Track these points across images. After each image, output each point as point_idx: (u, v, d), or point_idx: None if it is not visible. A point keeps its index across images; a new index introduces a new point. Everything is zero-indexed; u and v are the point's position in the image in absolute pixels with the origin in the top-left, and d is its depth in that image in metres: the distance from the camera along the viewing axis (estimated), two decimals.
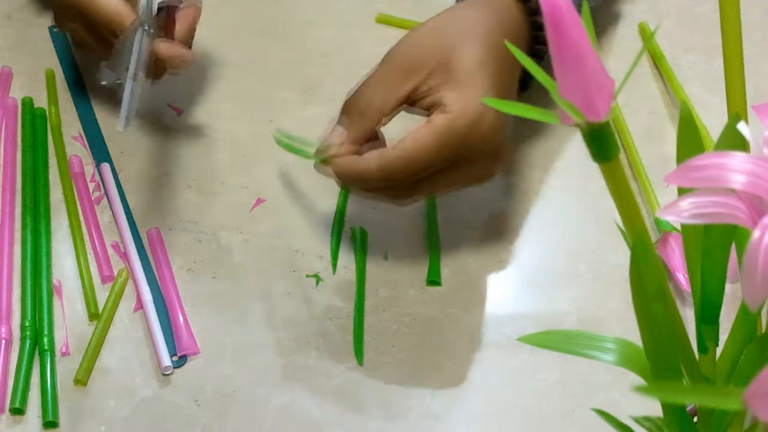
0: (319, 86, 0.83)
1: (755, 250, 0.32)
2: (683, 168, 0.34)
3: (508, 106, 0.35)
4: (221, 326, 0.68)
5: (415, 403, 0.65)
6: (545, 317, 0.69)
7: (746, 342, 0.40)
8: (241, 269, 0.71)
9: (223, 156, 0.78)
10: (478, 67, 0.64)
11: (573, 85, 0.33)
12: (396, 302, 0.70)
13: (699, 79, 0.83)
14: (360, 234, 0.72)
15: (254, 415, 0.64)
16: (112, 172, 0.76)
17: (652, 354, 0.39)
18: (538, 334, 0.43)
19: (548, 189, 0.76)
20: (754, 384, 0.30)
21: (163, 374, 0.66)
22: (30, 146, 0.77)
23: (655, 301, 0.37)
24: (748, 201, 0.34)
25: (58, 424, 0.63)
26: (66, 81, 0.82)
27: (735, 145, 0.38)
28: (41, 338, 0.67)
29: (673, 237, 0.69)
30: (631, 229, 0.37)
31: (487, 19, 0.66)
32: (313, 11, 0.89)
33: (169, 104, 0.81)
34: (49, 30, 0.86)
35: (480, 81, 0.63)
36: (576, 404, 0.65)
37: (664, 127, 0.80)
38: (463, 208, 0.75)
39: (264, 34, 0.86)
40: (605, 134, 0.34)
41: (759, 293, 0.33)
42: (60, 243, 0.72)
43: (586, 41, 0.33)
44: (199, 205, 0.75)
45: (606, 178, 0.36)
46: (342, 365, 0.67)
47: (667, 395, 0.36)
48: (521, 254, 0.73)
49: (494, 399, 0.66)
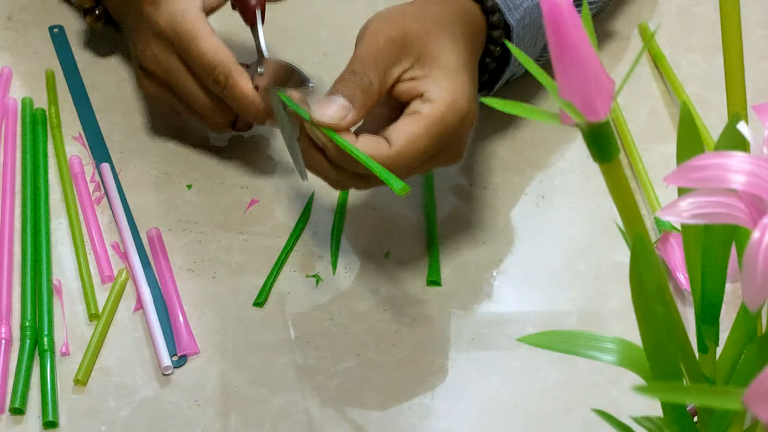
0: (319, 87, 0.82)
1: (755, 250, 0.32)
2: (683, 168, 0.34)
3: (510, 106, 0.35)
4: (221, 326, 0.68)
5: (415, 403, 0.65)
6: (545, 317, 0.69)
7: (746, 342, 0.40)
8: (241, 269, 0.71)
9: (223, 156, 0.78)
10: (462, 65, 0.64)
11: (573, 85, 0.33)
12: (396, 302, 0.70)
13: (699, 79, 0.83)
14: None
15: (254, 415, 0.64)
16: (112, 172, 0.76)
17: (652, 354, 0.39)
18: (538, 334, 0.43)
19: (548, 189, 0.76)
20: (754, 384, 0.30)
21: (163, 374, 0.66)
22: (30, 146, 0.77)
23: (655, 301, 0.37)
24: (748, 201, 0.34)
25: (58, 424, 0.63)
26: (66, 81, 0.82)
27: (735, 145, 0.38)
28: (41, 338, 0.67)
29: (673, 237, 0.69)
30: (631, 229, 0.37)
31: (457, 17, 0.67)
32: (313, 12, 0.89)
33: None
34: (49, 30, 0.86)
35: (464, 78, 0.64)
36: (576, 404, 0.65)
37: (664, 127, 0.80)
38: (463, 208, 0.75)
39: (265, 34, 0.86)
40: (605, 134, 0.34)
41: (759, 293, 0.33)
42: (60, 243, 0.72)
43: (586, 41, 0.33)
44: (199, 205, 0.75)
45: (606, 178, 0.36)
46: (342, 365, 0.67)
47: (667, 395, 0.36)
48: (521, 254, 0.73)
49: (494, 399, 0.66)
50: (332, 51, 0.85)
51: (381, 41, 0.63)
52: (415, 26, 0.64)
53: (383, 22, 0.65)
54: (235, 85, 0.69)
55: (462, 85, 0.63)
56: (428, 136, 0.62)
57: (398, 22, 0.64)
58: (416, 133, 0.62)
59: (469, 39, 0.67)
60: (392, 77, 0.64)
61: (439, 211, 0.74)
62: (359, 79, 0.63)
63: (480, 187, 0.76)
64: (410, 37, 0.64)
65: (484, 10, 0.69)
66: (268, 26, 0.82)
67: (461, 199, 0.75)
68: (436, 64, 0.63)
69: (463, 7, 0.69)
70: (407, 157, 0.62)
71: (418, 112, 0.62)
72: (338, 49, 0.85)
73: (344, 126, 0.61)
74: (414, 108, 0.63)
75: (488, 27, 0.69)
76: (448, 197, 0.75)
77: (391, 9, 0.66)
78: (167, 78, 0.72)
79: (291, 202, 0.75)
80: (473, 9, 0.69)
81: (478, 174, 0.77)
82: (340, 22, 0.88)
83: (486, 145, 0.79)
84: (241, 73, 0.70)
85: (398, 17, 0.65)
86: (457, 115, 0.62)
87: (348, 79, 0.63)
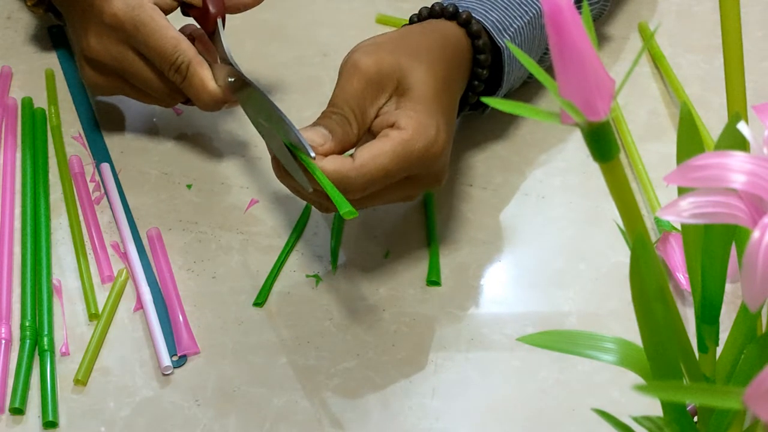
0: (319, 86, 0.83)
1: (755, 250, 0.32)
2: (683, 168, 0.34)
3: (510, 105, 0.35)
4: (221, 326, 0.68)
5: (415, 402, 0.65)
6: (545, 317, 0.69)
7: (746, 342, 0.40)
8: (241, 269, 0.71)
9: (223, 156, 0.78)
10: (433, 96, 0.65)
11: (573, 85, 0.33)
12: (396, 302, 0.70)
13: (699, 79, 0.83)
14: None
15: (254, 415, 0.64)
16: (112, 172, 0.76)
17: (652, 354, 0.39)
18: (538, 334, 0.43)
19: (548, 189, 0.76)
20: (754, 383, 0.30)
21: (163, 374, 0.66)
22: (30, 146, 0.77)
23: (655, 301, 0.37)
24: (748, 201, 0.34)
25: (58, 424, 0.63)
26: (66, 81, 0.82)
27: (735, 145, 0.38)
28: (41, 338, 0.67)
29: (673, 237, 0.69)
30: (631, 229, 0.37)
31: (437, 45, 0.68)
32: (313, 12, 0.89)
33: None
34: (49, 30, 0.86)
35: (434, 109, 0.65)
36: (576, 404, 0.65)
37: (664, 127, 0.80)
38: (463, 208, 0.75)
39: (264, 34, 0.86)
40: (605, 134, 0.34)
41: (759, 293, 0.33)
42: (60, 243, 0.72)
43: (587, 41, 0.33)
44: (199, 205, 0.75)
45: (606, 178, 0.36)
46: (342, 365, 0.67)
47: (667, 394, 0.36)
48: (521, 254, 0.73)
49: (494, 399, 0.66)
50: (332, 51, 0.85)
51: (355, 84, 0.65)
52: (390, 60, 0.66)
53: (361, 56, 0.66)
54: (196, 74, 0.71)
55: (430, 115, 0.65)
56: (392, 154, 0.63)
57: (374, 61, 0.65)
58: (381, 150, 0.63)
59: (450, 67, 0.68)
60: (370, 117, 0.66)
61: (438, 211, 0.74)
62: (338, 117, 0.65)
63: (480, 187, 0.76)
64: (384, 74, 0.65)
65: (469, 34, 0.70)
66: (267, 26, 0.82)
67: (461, 199, 0.75)
68: (407, 95, 0.65)
69: (446, 33, 0.70)
70: (369, 171, 0.62)
71: (386, 135, 0.64)
72: (338, 49, 0.85)
73: (320, 152, 0.63)
74: (383, 133, 0.64)
75: (474, 51, 0.70)
76: (448, 197, 0.75)
77: (370, 43, 0.67)
78: (117, 67, 0.73)
79: (291, 202, 0.75)
80: (457, 34, 0.70)
81: (478, 174, 0.77)
82: (340, 21, 0.88)
83: (486, 145, 0.79)
84: (202, 63, 0.72)
85: (374, 52, 0.66)
86: (424, 141, 0.64)
87: (328, 115, 0.65)
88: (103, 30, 0.72)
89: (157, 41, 0.71)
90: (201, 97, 0.72)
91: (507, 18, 0.72)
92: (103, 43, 0.72)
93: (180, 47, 0.71)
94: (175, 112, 0.81)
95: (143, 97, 0.76)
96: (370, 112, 0.66)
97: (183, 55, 0.71)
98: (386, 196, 0.66)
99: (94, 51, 0.73)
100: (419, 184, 0.67)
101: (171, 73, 0.72)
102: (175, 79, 0.72)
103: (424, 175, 0.66)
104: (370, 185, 0.63)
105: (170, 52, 0.71)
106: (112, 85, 0.75)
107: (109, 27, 0.72)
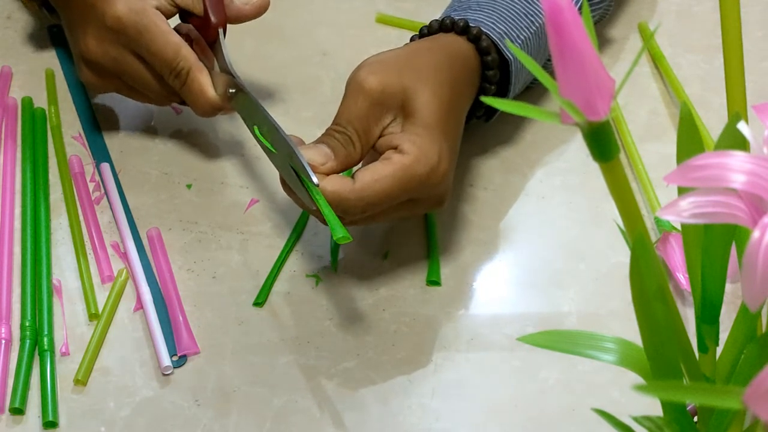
0: (318, 86, 0.83)
1: (755, 250, 0.32)
2: (683, 168, 0.34)
3: (510, 105, 0.35)
4: (221, 326, 0.68)
5: (415, 402, 0.65)
6: (545, 317, 0.69)
7: (746, 342, 0.40)
8: (241, 269, 0.71)
9: (223, 156, 0.78)
10: (437, 121, 0.66)
11: (573, 84, 0.33)
12: (396, 302, 0.70)
13: (699, 79, 0.83)
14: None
15: (254, 415, 0.64)
16: (112, 172, 0.76)
17: (652, 354, 0.39)
18: (538, 334, 0.43)
19: (548, 189, 0.76)
20: (754, 383, 0.30)
21: (163, 374, 0.66)
22: (30, 146, 0.77)
23: (655, 301, 0.37)
24: (748, 200, 0.34)
25: (58, 424, 0.63)
26: (66, 81, 0.82)
27: (735, 145, 0.38)
28: (41, 338, 0.67)
29: (673, 237, 0.69)
30: (631, 229, 0.37)
31: (445, 64, 0.68)
32: (313, 11, 0.89)
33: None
34: (49, 30, 0.86)
35: (437, 134, 0.65)
36: (576, 404, 0.65)
37: (664, 127, 0.80)
38: (463, 208, 0.75)
39: (263, 34, 0.86)
40: (605, 134, 0.34)
41: (759, 293, 0.33)
42: (60, 243, 0.72)
43: (587, 41, 0.33)
44: (199, 205, 0.75)
45: (606, 178, 0.36)
46: (342, 365, 0.67)
47: (667, 394, 0.36)
48: (521, 254, 0.73)
49: (494, 399, 0.66)
50: (331, 50, 0.85)
51: (360, 104, 0.65)
52: (396, 81, 0.66)
53: (366, 76, 0.66)
54: (195, 81, 0.72)
55: (433, 140, 0.65)
56: (393, 178, 0.63)
57: (379, 80, 0.65)
58: (382, 174, 0.63)
59: (457, 86, 0.68)
60: (374, 136, 0.66)
61: (439, 211, 0.74)
62: (342, 136, 0.65)
63: (481, 187, 0.76)
64: (389, 95, 0.65)
65: (478, 50, 0.70)
66: (267, 26, 0.82)
67: (462, 200, 0.75)
68: (411, 119, 0.65)
69: (454, 50, 0.70)
70: (368, 195, 0.62)
71: (388, 159, 0.64)
72: (337, 49, 0.85)
73: (322, 170, 0.63)
74: (386, 156, 0.64)
75: (483, 66, 0.71)
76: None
77: (377, 60, 0.67)
78: (116, 68, 0.73)
79: (291, 202, 0.75)
80: (466, 50, 0.70)
81: (479, 174, 0.77)
82: (340, 21, 0.88)
83: (487, 146, 0.79)
84: (202, 70, 0.72)
85: (380, 71, 0.66)
86: (425, 167, 0.64)
87: (331, 133, 0.65)
88: (104, 32, 0.72)
89: (159, 46, 0.71)
90: (199, 103, 0.73)
91: (514, 29, 0.72)
92: (103, 46, 0.72)
93: (181, 53, 0.71)
94: (174, 111, 0.81)
95: (139, 96, 0.76)
96: (374, 132, 0.66)
97: (184, 61, 0.71)
98: (386, 217, 0.66)
99: (93, 52, 0.73)
100: (420, 206, 0.67)
101: (171, 78, 0.72)
102: (175, 84, 0.72)
103: (425, 198, 0.66)
104: (369, 208, 0.63)
105: (171, 58, 0.71)
106: (109, 85, 0.75)
107: (111, 30, 0.72)
